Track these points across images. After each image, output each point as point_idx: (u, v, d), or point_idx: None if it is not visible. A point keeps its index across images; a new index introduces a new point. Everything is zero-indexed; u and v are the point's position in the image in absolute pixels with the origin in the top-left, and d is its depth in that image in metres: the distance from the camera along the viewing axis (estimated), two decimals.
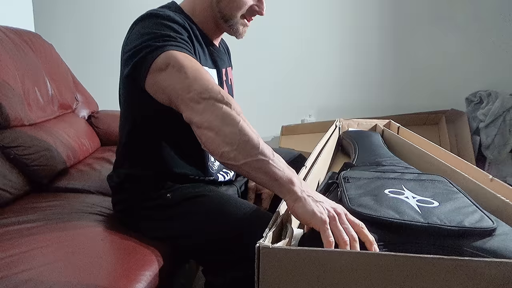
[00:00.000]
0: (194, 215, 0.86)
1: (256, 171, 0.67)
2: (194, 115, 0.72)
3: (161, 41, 0.76)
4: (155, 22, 0.80)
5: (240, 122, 0.69)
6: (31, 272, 0.72)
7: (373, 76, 2.52)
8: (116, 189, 0.98)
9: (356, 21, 2.45)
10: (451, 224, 0.55)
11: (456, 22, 2.39)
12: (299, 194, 0.61)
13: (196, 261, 1.06)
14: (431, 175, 0.77)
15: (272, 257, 0.48)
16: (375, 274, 0.48)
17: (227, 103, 0.70)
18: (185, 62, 0.75)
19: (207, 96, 0.71)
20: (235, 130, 0.68)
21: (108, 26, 2.36)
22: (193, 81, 0.73)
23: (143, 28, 0.81)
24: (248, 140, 0.67)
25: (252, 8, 0.91)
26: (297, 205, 0.61)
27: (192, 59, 0.77)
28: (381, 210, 0.59)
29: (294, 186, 0.63)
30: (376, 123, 1.35)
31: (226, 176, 1.02)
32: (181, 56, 0.76)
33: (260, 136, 0.70)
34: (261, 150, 0.66)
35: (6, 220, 0.97)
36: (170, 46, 0.76)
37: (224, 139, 0.68)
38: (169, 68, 0.74)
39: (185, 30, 0.83)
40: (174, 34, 0.79)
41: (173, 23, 0.81)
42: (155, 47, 0.76)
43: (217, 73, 0.97)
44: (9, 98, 1.27)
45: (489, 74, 2.42)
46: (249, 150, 0.67)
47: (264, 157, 0.66)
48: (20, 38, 1.52)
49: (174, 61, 0.74)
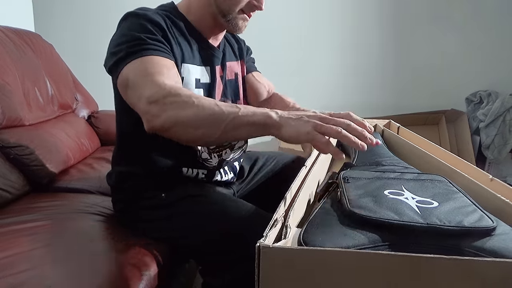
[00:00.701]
0: (191, 215, 0.86)
1: (235, 130, 0.68)
2: (151, 122, 0.72)
3: (132, 47, 0.79)
4: (133, 23, 0.84)
5: (194, 102, 0.69)
6: (31, 272, 0.72)
7: (373, 76, 2.51)
8: (114, 188, 0.99)
9: (356, 21, 2.45)
10: (450, 224, 0.55)
11: (456, 22, 2.39)
12: (279, 121, 0.64)
13: (196, 261, 1.06)
14: (431, 175, 0.77)
15: (272, 256, 0.48)
16: (375, 274, 0.48)
17: (174, 93, 0.71)
18: (141, 72, 0.76)
19: (155, 99, 0.71)
20: (195, 111, 0.69)
21: (108, 26, 2.35)
22: (142, 90, 0.74)
23: (123, 29, 0.85)
24: (212, 113, 0.68)
25: (251, 3, 0.90)
26: (283, 131, 0.64)
27: (156, 61, 0.78)
28: (381, 212, 0.59)
29: (271, 118, 0.65)
30: (376, 123, 1.35)
31: (224, 176, 1.02)
32: (142, 64, 0.77)
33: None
34: (226, 112, 0.68)
35: (6, 220, 0.97)
36: (137, 53, 0.78)
37: (191, 125, 0.70)
38: (129, 85, 0.77)
39: (160, 28, 0.84)
40: (146, 35, 0.81)
41: (148, 23, 0.83)
42: (123, 56, 0.79)
43: (210, 70, 0.96)
44: (9, 98, 1.27)
45: (489, 74, 2.42)
46: (217, 120, 0.68)
47: (233, 115, 0.67)
48: (20, 38, 1.52)
49: (131, 75, 0.77)
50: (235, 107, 0.69)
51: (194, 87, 0.91)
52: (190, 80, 0.90)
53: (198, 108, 0.69)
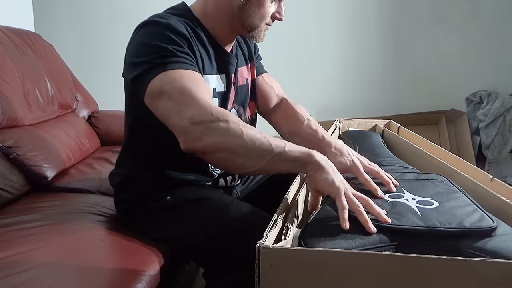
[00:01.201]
0: (195, 217, 0.86)
1: (277, 164, 0.70)
2: (192, 143, 0.72)
3: (160, 58, 0.76)
4: (156, 32, 0.80)
5: (243, 131, 0.69)
6: (31, 272, 0.72)
7: (373, 76, 2.51)
8: (117, 188, 0.98)
9: (356, 21, 2.45)
10: (451, 226, 0.55)
11: (456, 22, 2.39)
12: (323, 164, 0.67)
13: (197, 263, 1.06)
14: (431, 175, 0.77)
15: (272, 257, 0.48)
16: (375, 274, 0.48)
17: (222, 119, 0.70)
18: (178, 86, 0.74)
19: (199, 120, 0.71)
20: (242, 141, 0.69)
21: (108, 26, 2.36)
22: (183, 106, 0.72)
23: (144, 37, 0.81)
24: (258, 144, 0.69)
25: (273, 16, 0.90)
26: (319, 174, 0.66)
27: (189, 75, 0.77)
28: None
29: (314, 157, 0.68)
30: (376, 123, 1.35)
31: (228, 182, 1.02)
32: (177, 77, 0.75)
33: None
34: (273, 146, 0.69)
35: (6, 220, 0.97)
36: (168, 65, 0.76)
37: (235, 153, 0.70)
38: (163, 97, 0.75)
39: (186, 39, 0.82)
40: (173, 47, 0.78)
41: (174, 34, 0.80)
42: (152, 66, 0.76)
43: (225, 78, 0.94)
44: (9, 98, 1.27)
45: (489, 74, 2.42)
46: (263, 152, 0.69)
47: (279, 150, 0.68)
48: (20, 38, 1.52)
49: (167, 87, 0.75)
50: (282, 141, 0.70)
51: (211, 97, 0.88)
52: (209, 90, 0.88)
53: (246, 138, 0.69)
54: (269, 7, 0.87)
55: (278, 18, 0.91)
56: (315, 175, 0.67)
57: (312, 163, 0.68)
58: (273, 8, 0.89)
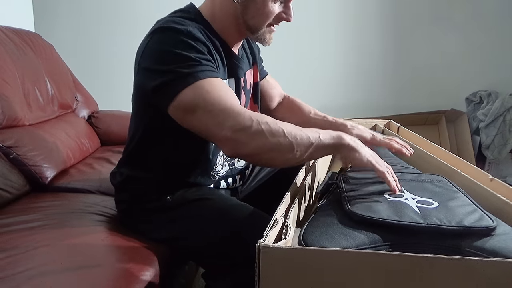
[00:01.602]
0: (195, 218, 0.86)
1: (316, 153, 0.76)
2: (238, 149, 0.75)
3: (185, 67, 0.75)
4: (176, 39, 0.78)
5: (281, 128, 0.73)
6: (31, 272, 0.72)
7: (373, 76, 2.51)
8: (118, 188, 0.98)
9: (356, 21, 2.45)
10: (450, 224, 0.55)
11: (456, 22, 2.39)
12: (352, 144, 0.75)
13: (196, 263, 1.06)
14: (431, 175, 0.77)
15: (272, 256, 0.48)
16: (375, 274, 0.48)
17: (259, 122, 0.73)
18: (212, 97, 0.75)
19: (240, 128, 0.73)
20: (285, 139, 0.73)
21: (109, 26, 2.36)
22: (222, 117, 0.74)
23: (163, 44, 0.79)
24: (299, 139, 0.73)
25: (279, 16, 0.87)
26: (352, 154, 0.74)
27: (217, 83, 0.77)
28: (381, 213, 0.59)
29: (345, 140, 0.75)
30: (376, 123, 1.35)
31: (231, 184, 1.02)
32: (208, 88, 0.75)
33: None
34: (311, 138, 0.74)
35: (6, 220, 0.97)
36: (196, 75, 0.75)
37: (280, 151, 0.74)
38: (198, 111, 0.75)
39: (206, 46, 0.81)
40: (197, 56, 0.77)
41: (195, 41, 0.78)
42: (180, 76, 0.75)
43: (235, 82, 0.94)
44: (9, 98, 1.27)
45: (489, 74, 2.42)
46: (304, 145, 0.74)
47: (316, 141, 0.74)
48: (20, 38, 1.52)
49: (201, 100, 0.75)
50: (315, 132, 0.75)
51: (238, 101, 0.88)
52: None
53: (288, 135, 0.73)
54: (272, 7, 0.85)
55: (285, 19, 0.88)
56: (348, 155, 0.75)
57: (344, 146, 0.75)
58: (277, 9, 0.86)
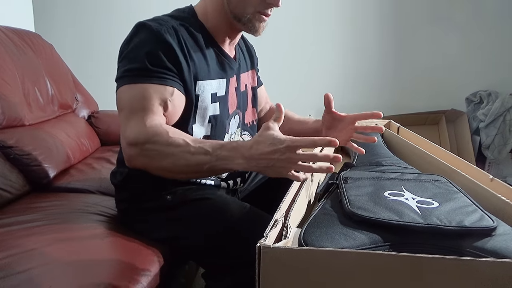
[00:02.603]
0: (195, 217, 0.86)
1: (209, 174, 0.83)
2: (129, 163, 0.79)
3: (130, 70, 0.80)
4: (142, 40, 0.82)
5: (171, 152, 0.74)
6: (31, 272, 0.72)
7: (373, 76, 2.51)
8: (118, 187, 0.98)
9: (357, 21, 2.45)
10: (451, 224, 0.55)
11: (456, 22, 2.39)
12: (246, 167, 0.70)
13: (197, 263, 1.06)
14: (431, 175, 0.77)
15: (272, 257, 0.48)
16: (376, 274, 0.48)
17: (153, 141, 0.74)
18: (128, 102, 0.79)
19: (134, 142, 0.76)
20: (170, 162, 0.74)
21: (108, 26, 2.36)
22: (126, 126, 0.78)
23: (132, 40, 0.83)
24: (187, 164, 0.74)
25: (265, 1, 0.85)
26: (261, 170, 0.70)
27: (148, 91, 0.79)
28: (381, 213, 0.59)
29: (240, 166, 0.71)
30: (376, 123, 1.35)
31: (233, 185, 1.01)
32: (133, 93, 0.79)
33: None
34: (201, 163, 0.73)
35: (6, 220, 0.97)
36: (136, 78, 0.80)
37: (167, 171, 0.77)
38: (119, 109, 0.81)
39: (170, 50, 0.81)
40: (151, 60, 0.80)
41: (160, 44, 0.81)
42: (124, 75, 0.81)
43: (226, 82, 0.94)
44: (9, 98, 1.27)
45: (489, 74, 2.42)
46: (193, 169, 0.75)
47: (208, 165, 0.73)
48: (20, 38, 1.52)
49: (122, 101, 0.81)
50: (209, 154, 0.72)
51: (210, 103, 0.89)
52: (206, 96, 0.89)
53: (172, 159, 0.74)
54: None
55: (273, 4, 0.86)
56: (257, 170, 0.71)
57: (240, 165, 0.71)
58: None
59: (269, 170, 0.69)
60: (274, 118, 0.71)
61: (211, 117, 0.91)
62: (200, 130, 0.90)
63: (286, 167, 0.66)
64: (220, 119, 0.93)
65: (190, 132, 0.87)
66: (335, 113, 0.95)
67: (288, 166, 0.66)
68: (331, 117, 0.97)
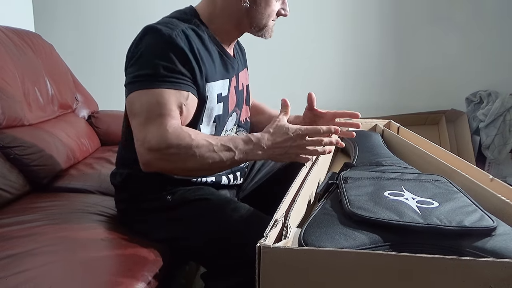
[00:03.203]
0: (195, 218, 0.86)
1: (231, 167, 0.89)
2: (148, 167, 0.80)
3: (145, 76, 0.80)
4: (154, 44, 0.82)
5: (195, 153, 0.76)
6: (31, 272, 0.72)
7: (373, 76, 2.51)
8: (118, 187, 0.98)
9: (357, 21, 2.45)
10: (451, 224, 0.55)
11: (456, 22, 2.38)
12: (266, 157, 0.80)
13: (197, 263, 1.06)
14: (431, 175, 0.77)
15: (272, 257, 0.48)
16: (376, 274, 0.48)
17: (176, 145, 0.76)
18: (145, 107, 0.79)
19: (155, 148, 0.76)
20: (195, 163, 0.77)
21: (108, 26, 2.36)
22: (145, 131, 0.78)
23: (143, 46, 0.83)
24: (212, 162, 0.77)
25: (278, 12, 0.93)
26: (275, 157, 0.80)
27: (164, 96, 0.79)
28: (381, 212, 0.59)
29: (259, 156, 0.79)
30: (376, 123, 1.35)
31: (233, 181, 1.02)
32: (149, 98, 0.79)
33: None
34: (225, 159, 0.78)
35: (6, 220, 0.97)
36: (151, 83, 0.80)
37: (192, 172, 0.83)
38: (133, 114, 0.81)
39: (183, 55, 0.82)
40: (165, 65, 0.80)
41: (172, 49, 0.81)
42: (138, 80, 0.81)
43: (228, 82, 0.95)
44: (9, 98, 1.27)
45: (489, 74, 2.42)
46: (217, 166, 0.80)
47: (231, 161, 0.78)
48: (20, 38, 1.52)
49: (136, 106, 0.81)
50: (232, 151, 0.78)
51: (216, 103, 0.91)
52: (213, 97, 0.90)
53: (197, 160, 0.76)
54: (275, 5, 0.91)
55: (283, 14, 0.94)
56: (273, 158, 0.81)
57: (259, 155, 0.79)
58: (278, 6, 0.93)
59: (283, 157, 0.80)
60: (283, 112, 0.84)
61: (216, 117, 0.92)
62: (205, 130, 0.91)
63: (297, 153, 0.79)
64: (222, 118, 0.94)
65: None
66: (316, 110, 1.03)
67: (299, 151, 0.78)
68: (312, 114, 1.05)
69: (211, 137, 0.79)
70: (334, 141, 0.79)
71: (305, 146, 0.78)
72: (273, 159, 0.82)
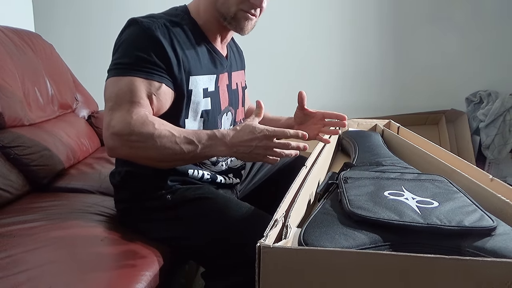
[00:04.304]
0: (195, 217, 0.86)
1: (194, 161, 0.87)
2: (112, 152, 0.80)
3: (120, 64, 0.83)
4: (132, 34, 0.85)
5: (156, 143, 0.76)
6: (31, 272, 0.72)
7: (373, 76, 2.51)
8: (117, 187, 0.98)
9: (356, 21, 2.45)
10: (451, 224, 0.55)
11: (456, 22, 2.39)
12: (229, 154, 0.79)
13: (197, 262, 1.06)
14: (431, 175, 0.77)
15: (272, 257, 0.48)
16: (376, 274, 0.48)
17: (137, 133, 0.76)
18: (115, 93, 0.81)
19: (118, 133, 0.77)
20: (155, 152, 0.77)
21: (108, 26, 2.35)
22: (111, 116, 0.79)
23: (124, 35, 0.86)
24: (173, 153, 0.77)
25: (250, 1, 0.87)
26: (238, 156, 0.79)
27: (134, 84, 0.80)
28: (381, 212, 0.59)
29: (223, 152, 0.79)
30: (376, 123, 1.35)
31: (229, 180, 1.02)
32: (120, 84, 0.81)
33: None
34: (186, 151, 0.77)
35: (7, 220, 0.97)
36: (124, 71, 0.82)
37: (151, 160, 0.80)
38: (105, 99, 0.83)
39: (160, 48, 0.83)
40: (139, 54, 0.82)
41: (149, 40, 0.83)
42: (113, 68, 0.84)
43: (215, 78, 0.96)
44: (9, 98, 1.27)
45: (489, 74, 2.42)
46: (178, 158, 0.79)
47: (193, 154, 0.78)
48: (20, 38, 1.52)
49: (108, 91, 0.82)
50: (194, 144, 0.78)
51: (202, 97, 0.91)
52: (198, 91, 0.90)
53: (158, 149, 0.77)
54: None
55: (256, 5, 0.88)
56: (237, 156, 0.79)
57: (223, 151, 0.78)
58: None
59: (247, 156, 0.78)
60: (255, 113, 0.82)
61: (203, 112, 0.92)
62: (192, 125, 0.91)
63: (262, 154, 0.77)
64: (212, 114, 0.95)
65: (182, 126, 0.88)
66: (306, 110, 1.04)
67: (264, 152, 0.77)
68: (303, 114, 1.05)
69: (176, 129, 0.79)
70: (302, 147, 0.78)
71: (272, 148, 0.76)
72: (238, 157, 0.81)
